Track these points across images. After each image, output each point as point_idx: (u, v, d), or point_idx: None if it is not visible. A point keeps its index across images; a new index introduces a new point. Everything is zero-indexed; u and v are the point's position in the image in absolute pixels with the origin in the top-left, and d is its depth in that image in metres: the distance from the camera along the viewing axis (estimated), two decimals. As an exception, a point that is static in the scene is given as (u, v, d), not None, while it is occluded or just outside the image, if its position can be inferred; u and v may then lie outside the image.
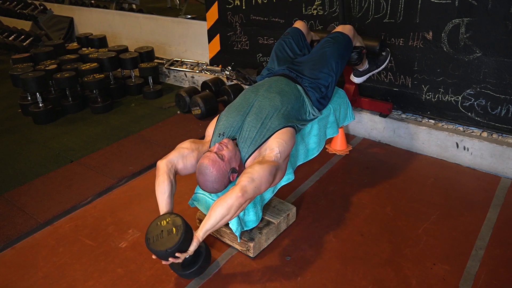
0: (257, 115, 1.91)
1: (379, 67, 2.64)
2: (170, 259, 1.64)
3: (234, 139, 1.90)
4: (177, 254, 1.63)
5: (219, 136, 1.92)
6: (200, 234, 1.69)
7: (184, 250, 1.65)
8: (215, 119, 2.04)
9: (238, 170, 1.83)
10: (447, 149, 2.63)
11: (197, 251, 1.75)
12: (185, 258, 1.71)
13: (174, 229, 1.66)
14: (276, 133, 1.85)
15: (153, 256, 1.70)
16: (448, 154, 2.64)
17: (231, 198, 1.65)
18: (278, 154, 1.79)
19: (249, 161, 1.84)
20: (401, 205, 2.26)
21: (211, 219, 1.67)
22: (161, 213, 1.82)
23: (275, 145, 1.81)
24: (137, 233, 2.15)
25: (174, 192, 1.86)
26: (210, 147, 1.94)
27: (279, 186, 2.05)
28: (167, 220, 1.71)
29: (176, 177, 1.89)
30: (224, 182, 1.78)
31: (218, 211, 1.65)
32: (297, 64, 2.27)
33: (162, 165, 1.85)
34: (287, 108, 1.98)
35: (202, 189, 1.81)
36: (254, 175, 1.68)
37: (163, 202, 1.83)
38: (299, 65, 2.25)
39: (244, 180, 1.67)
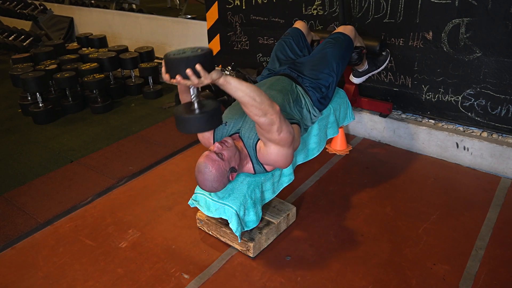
0: None
1: (379, 68, 2.64)
2: (187, 71, 1.42)
3: (237, 132, 1.90)
4: (197, 67, 1.43)
5: (222, 124, 1.92)
6: (227, 76, 1.54)
7: (206, 67, 1.45)
8: None
9: (237, 169, 1.83)
10: (447, 149, 2.63)
11: (209, 102, 1.60)
12: (194, 103, 1.56)
13: (199, 50, 1.48)
14: None
15: (164, 76, 1.50)
16: (448, 154, 2.64)
17: (269, 99, 1.61)
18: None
19: (259, 143, 1.83)
20: (401, 205, 2.26)
21: (246, 85, 1.56)
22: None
23: None
24: (137, 233, 2.15)
25: None
26: (214, 140, 1.94)
27: (280, 187, 2.06)
28: (193, 48, 1.52)
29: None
30: (224, 181, 1.78)
31: (257, 90, 1.57)
32: (298, 64, 2.27)
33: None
34: (289, 105, 1.99)
35: (201, 188, 1.81)
36: (286, 120, 1.71)
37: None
38: (300, 66, 2.25)
39: (282, 114, 1.68)
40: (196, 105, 1.58)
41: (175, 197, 2.42)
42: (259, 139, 1.82)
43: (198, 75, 1.45)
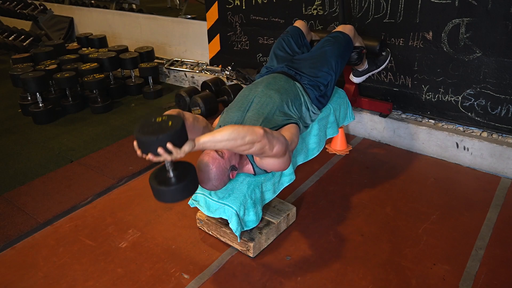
0: (258, 111, 1.92)
1: (379, 68, 2.64)
2: (159, 150, 1.40)
3: None
4: (168, 145, 1.41)
5: None
6: (200, 139, 1.53)
7: (177, 144, 1.44)
8: (219, 117, 2.04)
9: (238, 167, 1.83)
10: (447, 149, 2.63)
11: (185, 170, 1.55)
12: (169, 175, 1.51)
13: (170, 122, 1.45)
14: (282, 128, 1.86)
15: (137, 150, 1.47)
16: (448, 154, 2.64)
17: (252, 129, 1.58)
18: (289, 140, 1.80)
19: None
20: (401, 205, 2.26)
21: (222, 133, 1.54)
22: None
23: (286, 134, 1.82)
24: (137, 233, 2.15)
25: (196, 122, 1.80)
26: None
27: (281, 187, 2.06)
28: (163, 117, 1.49)
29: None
30: (224, 179, 1.78)
31: (235, 129, 1.55)
32: (296, 61, 2.27)
33: (173, 110, 1.76)
34: (287, 105, 1.99)
35: (202, 187, 1.81)
36: (275, 133, 1.69)
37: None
38: (299, 63, 2.25)
39: (268, 129, 1.65)
40: (171, 174, 1.53)
41: (175, 197, 2.41)
42: None
43: (169, 152, 1.42)
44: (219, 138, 1.53)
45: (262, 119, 1.88)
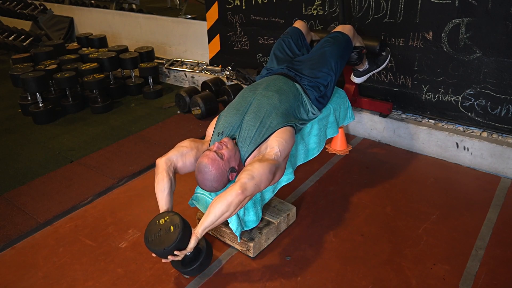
0: (256, 114, 1.91)
1: (380, 67, 2.64)
2: (169, 257, 1.65)
3: (233, 139, 1.90)
4: (176, 252, 1.64)
5: (218, 135, 1.92)
6: (198, 231, 1.69)
7: (182, 248, 1.66)
8: (215, 119, 2.04)
9: (237, 169, 1.83)
10: (447, 149, 2.63)
11: (197, 248, 1.76)
12: (186, 255, 1.72)
13: (172, 227, 1.66)
14: (276, 132, 1.86)
15: (153, 255, 1.71)
16: (448, 154, 2.64)
17: (231, 195, 1.65)
18: (278, 152, 1.80)
19: (249, 160, 1.84)
20: (401, 205, 2.26)
21: (210, 216, 1.67)
22: (161, 211, 1.83)
23: (275, 144, 1.82)
24: (137, 233, 2.15)
25: (173, 190, 1.87)
26: (209, 146, 1.94)
27: (279, 186, 2.05)
28: (165, 218, 1.72)
29: (176, 176, 1.90)
30: (223, 181, 1.78)
31: (218, 208, 1.66)
32: (296, 63, 2.27)
33: (161, 163, 1.86)
34: (285, 106, 1.99)
35: (201, 188, 1.81)
36: (254, 172, 1.69)
37: (162, 199, 1.84)
38: (299, 64, 2.25)
39: (244, 178, 1.67)
40: (190, 255, 1.76)
41: (175, 197, 2.40)
42: (248, 156, 1.85)
43: (178, 255, 1.66)
44: (213, 219, 1.68)
45: (258, 123, 1.88)
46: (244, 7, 3.48)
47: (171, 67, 4.26)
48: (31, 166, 2.83)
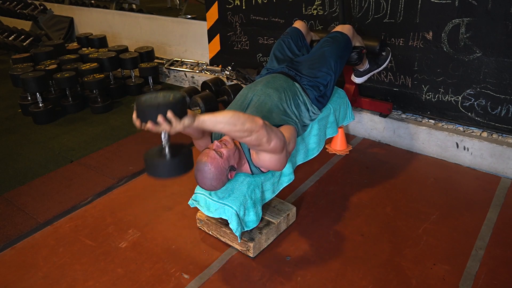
0: (257, 108, 1.92)
1: (380, 67, 2.64)
2: (159, 119, 1.40)
3: None
4: (169, 114, 1.40)
5: None
6: (200, 117, 1.52)
7: (177, 113, 1.42)
8: None
9: (236, 167, 1.83)
10: (447, 149, 2.63)
11: (181, 146, 1.56)
12: (165, 152, 1.52)
13: (172, 95, 1.45)
14: (280, 127, 1.86)
15: (136, 122, 1.46)
16: (448, 154, 2.64)
17: (252, 117, 1.58)
18: (287, 139, 1.79)
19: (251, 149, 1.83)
20: (401, 205, 2.26)
21: (222, 115, 1.53)
22: None
23: (284, 134, 1.81)
24: (137, 233, 2.15)
25: None
26: (212, 140, 1.94)
27: (280, 187, 2.06)
28: (165, 92, 1.50)
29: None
30: (223, 179, 1.78)
31: (235, 114, 1.55)
32: (296, 63, 2.27)
33: None
34: (286, 104, 1.99)
35: (201, 187, 1.81)
36: (273, 127, 1.68)
37: None
38: (298, 64, 2.25)
39: (266, 121, 1.65)
40: (167, 150, 1.54)
41: (175, 197, 2.42)
42: None
43: (169, 121, 1.42)
44: (220, 119, 1.52)
45: (261, 116, 1.87)
46: (244, 7, 3.48)
47: (171, 67, 4.26)
48: (31, 166, 2.83)
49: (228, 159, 1.77)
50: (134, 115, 1.47)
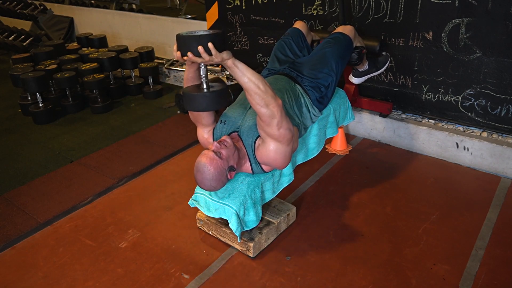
0: None
1: (379, 70, 2.64)
2: (199, 48, 1.48)
3: (236, 131, 1.90)
4: (209, 45, 1.49)
5: (220, 123, 1.94)
6: (235, 59, 1.59)
7: (217, 45, 1.51)
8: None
9: (236, 168, 1.83)
10: (447, 149, 2.63)
11: (218, 82, 1.69)
12: (203, 82, 1.62)
13: (212, 30, 1.55)
14: None
15: (175, 53, 1.57)
16: (448, 154, 2.64)
17: (273, 92, 1.66)
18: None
19: (258, 141, 1.84)
20: (401, 205, 2.26)
21: (252, 72, 1.62)
22: None
23: None
24: (137, 233, 2.15)
25: None
26: (214, 135, 1.95)
27: (280, 187, 2.06)
28: (205, 30, 1.60)
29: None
30: (222, 180, 1.78)
31: (261, 79, 1.63)
32: (297, 64, 2.27)
33: None
34: (288, 105, 1.99)
35: (200, 187, 1.81)
36: (286, 116, 1.74)
37: None
38: (300, 65, 2.25)
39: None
40: (205, 85, 1.64)
41: (175, 197, 2.42)
42: (258, 137, 1.83)
43: (209, 52, 1.50)
44: (250, 73, 1.60)
45: None
46: (244, 7, 3.48)
47: (171, 67, 4.26)
48: (31, 166, 2.83)
49: (227, 160, 1.77)
50: (175, 48, 1.57)
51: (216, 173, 1.74)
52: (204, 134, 1.98)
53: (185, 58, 1.55)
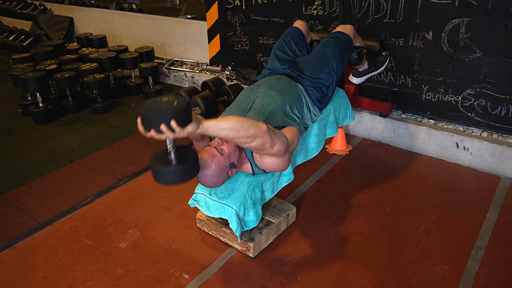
0: (260, 110, 1.92)
1: (379, 69, 2.64)
2: (162, 127, 1.39)
3: None
4: (172, 123, 1.40)
5: None
6: (205, 122, 1.51)
7: (181, 121, 1.43)
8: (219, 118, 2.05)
9: (237, 165, 1.83)
10: (447, 149, 2.63)
11: (186, 154, 1.55)
12: (170, 157, 1.51)
13: (175, 101, 1.44)
14: (283, 128, 1.86)
15: (140, 127, 1.46)
16: (448, 154, 2.64)
17: (256, 123, 1.58)
18: (289, 140, 1.79)
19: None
20: (401, 205, 2.26)
21: (226, 121, 1.54)
22: None
23: (286, 135, 1.81)
24: (137, 233, 2.15)
25: None
26: (211, 140, 1.94)
27: (280, 187, 2.06)
28: (170, 97, 1.48)
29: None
30: (223, 177, 1.78)
31: (239, 120, 1.55)
32: (298, 64, 2.27)
33: None
34: (289, 106, 1.99)
35: (201, 183, 1.81)
36: (276, 130, 1.68)
37: None
38: (300, 65, 2.25)
39: (270, 125, 1.66)
40: (172, 156, 1.53)
41: (175, 197, 2.42)
42: None
43: (172, 130, 1.42)
44: (224, 125, 1.52)
45: (263, 119, 1.88)
46: (244, 7, 3.48)
47: (171, 67, 4.26)
48: (31, 166, 2.83)
49: (228, 157, 1.77)
50: (139, 121, 1.46)
51: (217, 169, 1.74)
52: (201, 145, 1.96)
53: (148, 134, 1.44)
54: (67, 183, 2.60)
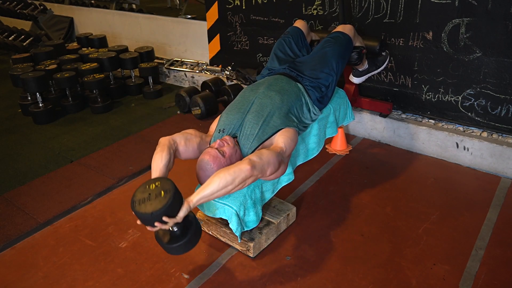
0: (258, 112, 1.92)
1: (379, 68, 2.64)
2: (156, 224, 1.50)
3: (235, 137, 1.91)
4: (164, 219, 1.49)
5: (219, 133, 1.93)
6: (193, 199, 1.58)
7: (172, 214, 1.52)
8: (218, 117, 2.05)
9: None
10: (447, 149, 2.63)
11: (186, 221, 1.63)
12: (173, 230, 1.60)
13: (162, 192, 1.53)
14: (280, 131, 1.87)
15: (138, 222, 1.57)
16: (448, 154, 2.64)
17: (239, 169, 1.60)
18: (284, 147, 1.81)
19: None
20: (401, 205, 2.26)
21: (211, 185, 1.59)
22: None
23: (281, 140, 1.83)
24: (137, 233, 2.15)
25: (170, 168, 1.78)
26: (210, 144, 1.94)
27: (279, 186, 2.05)
28: (156, 184, 1.58)
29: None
30: None
31: (222, 179, 1.58)
32: (298, 64, 2.27)
33: (164, 140, 1.82)
34: (288, 107, 1.99)
35: (201, 184, 1.81)
36: (262, 155, 1.69)
37: (157, 170, 1.72)
38: (300, 65, 2.25)
39: (252, 156, 1.66)
40: (175, 230, 1.62)
41: (175, 197, 2.41)
42: (253, 151, 1.84)
43: (167, 222, 1.51)
44: (209, 192, 1.59)
45: (261, 122, 1.88)
46: (244, 7, 3.48)
47: (171, 67, 4.26)
48: (31, 166, 2.83)
49: (230, 158, 1.78)
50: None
51: None
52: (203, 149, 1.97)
53: (148, 228, 1.54)
54: (67, 183, 2.60)
